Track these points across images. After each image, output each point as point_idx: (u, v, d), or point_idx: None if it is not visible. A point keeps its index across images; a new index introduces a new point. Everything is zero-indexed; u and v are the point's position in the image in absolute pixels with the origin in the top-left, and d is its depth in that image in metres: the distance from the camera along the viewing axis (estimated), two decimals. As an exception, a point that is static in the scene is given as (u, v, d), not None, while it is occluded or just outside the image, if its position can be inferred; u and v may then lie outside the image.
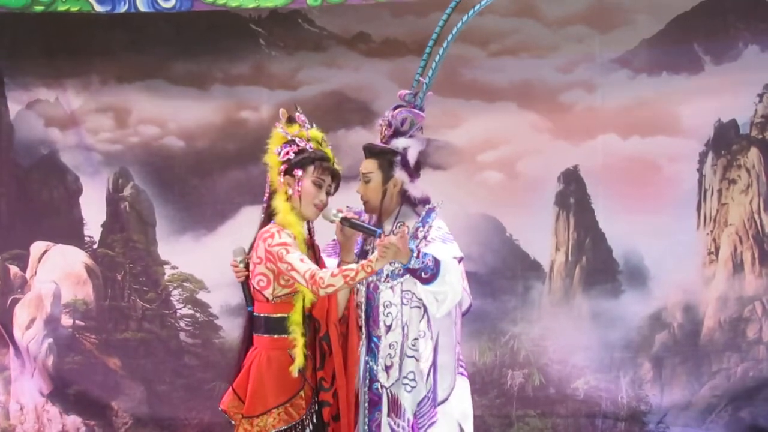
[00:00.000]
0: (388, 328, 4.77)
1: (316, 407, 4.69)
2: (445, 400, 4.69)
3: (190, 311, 7.90)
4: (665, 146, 7.64)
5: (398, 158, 4.78)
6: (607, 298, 7.68)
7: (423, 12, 7.73)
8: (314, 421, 4.67)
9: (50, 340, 7.82)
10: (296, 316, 4.62)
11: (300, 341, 4.59)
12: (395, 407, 4.74)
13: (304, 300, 4.61)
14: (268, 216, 4.70)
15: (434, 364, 4.70)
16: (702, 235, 7.67)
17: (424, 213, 4.85)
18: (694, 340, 7.60)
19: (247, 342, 4.76)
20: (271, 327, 4.65)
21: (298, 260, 4.51)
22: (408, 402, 4.71)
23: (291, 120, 4.73)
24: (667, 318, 7.63)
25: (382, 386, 4.79)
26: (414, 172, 4.82)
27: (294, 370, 4.57)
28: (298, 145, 4.68)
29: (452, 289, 4.63)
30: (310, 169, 4.67)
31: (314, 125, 4.76)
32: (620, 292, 7.67)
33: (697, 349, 7.59)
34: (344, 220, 4.72)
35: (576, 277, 7.74)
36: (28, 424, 7.86)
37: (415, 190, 4.81)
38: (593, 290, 7.70)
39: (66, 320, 7.89)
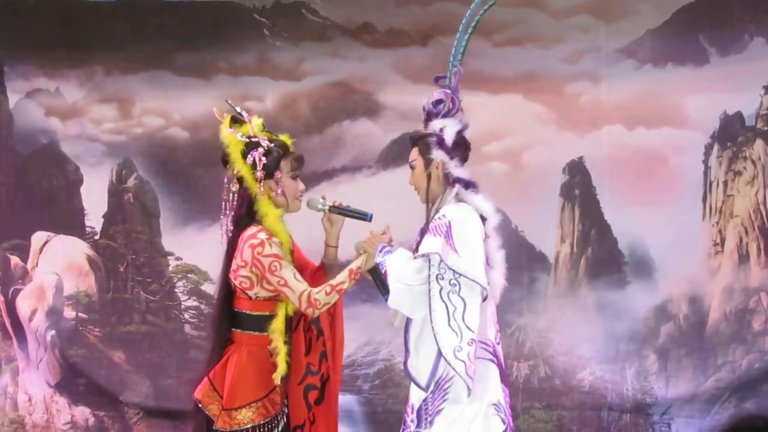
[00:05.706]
0: None
1: (286, 409, 4.68)
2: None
3: (195, 303, 7.87)
4: (671, 138, 7.64)
5: (434, 139, 4.69)
6: (613, 290, 7.68)
7: (427, 2, 7.74)
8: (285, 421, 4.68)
9: (53, 332, 7.78)
10: (278, 324, 4.59)
11: (283, 350, 4.57)
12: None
13: (287, 308, 4.59)
14: (248, 222, 4.62)
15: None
16: (707, 227, 7.67)
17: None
18: (700, 331, 7.61)
19: (222, 335, 4.70)
20: (252, 324, 4.63)
21: (293, 277, 4.49)
22: (414, 387, 4.60)
23: (237, 120, 4.63)
24: (672, 309, 7.63)
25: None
26: (453, 151, 4.68)
27: (277, 377, 4.55)
28: (261, 145, 4.60)
29: (398, 292, 4.50)
30: (284, 165, 4.63)
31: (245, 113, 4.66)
32: (626, 284, 7.67)
33: (702, 340, 7.60)
34: (333, 208, 4.68)
35: (581, 269, 7.73)
36: (36, 415, 7.83)
37: (456, 169, 4.68)
38: (598, 281, 7.70)
39: (69, 312, 7.84)
